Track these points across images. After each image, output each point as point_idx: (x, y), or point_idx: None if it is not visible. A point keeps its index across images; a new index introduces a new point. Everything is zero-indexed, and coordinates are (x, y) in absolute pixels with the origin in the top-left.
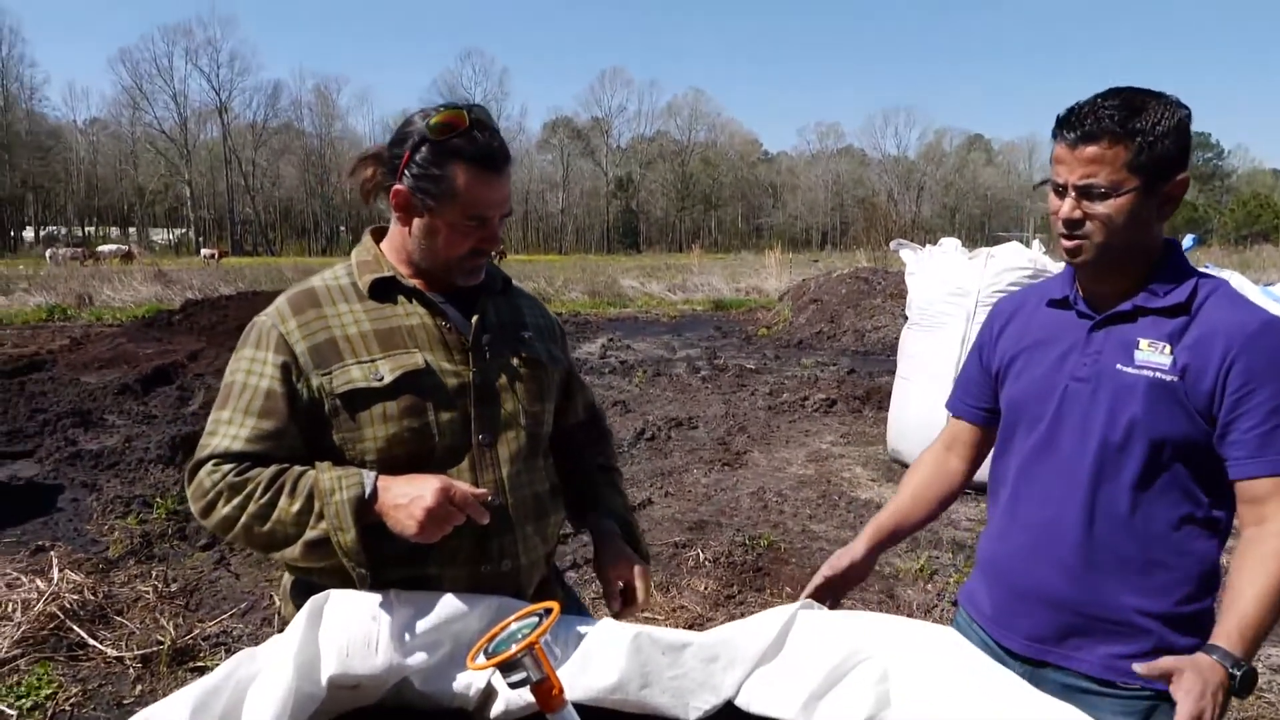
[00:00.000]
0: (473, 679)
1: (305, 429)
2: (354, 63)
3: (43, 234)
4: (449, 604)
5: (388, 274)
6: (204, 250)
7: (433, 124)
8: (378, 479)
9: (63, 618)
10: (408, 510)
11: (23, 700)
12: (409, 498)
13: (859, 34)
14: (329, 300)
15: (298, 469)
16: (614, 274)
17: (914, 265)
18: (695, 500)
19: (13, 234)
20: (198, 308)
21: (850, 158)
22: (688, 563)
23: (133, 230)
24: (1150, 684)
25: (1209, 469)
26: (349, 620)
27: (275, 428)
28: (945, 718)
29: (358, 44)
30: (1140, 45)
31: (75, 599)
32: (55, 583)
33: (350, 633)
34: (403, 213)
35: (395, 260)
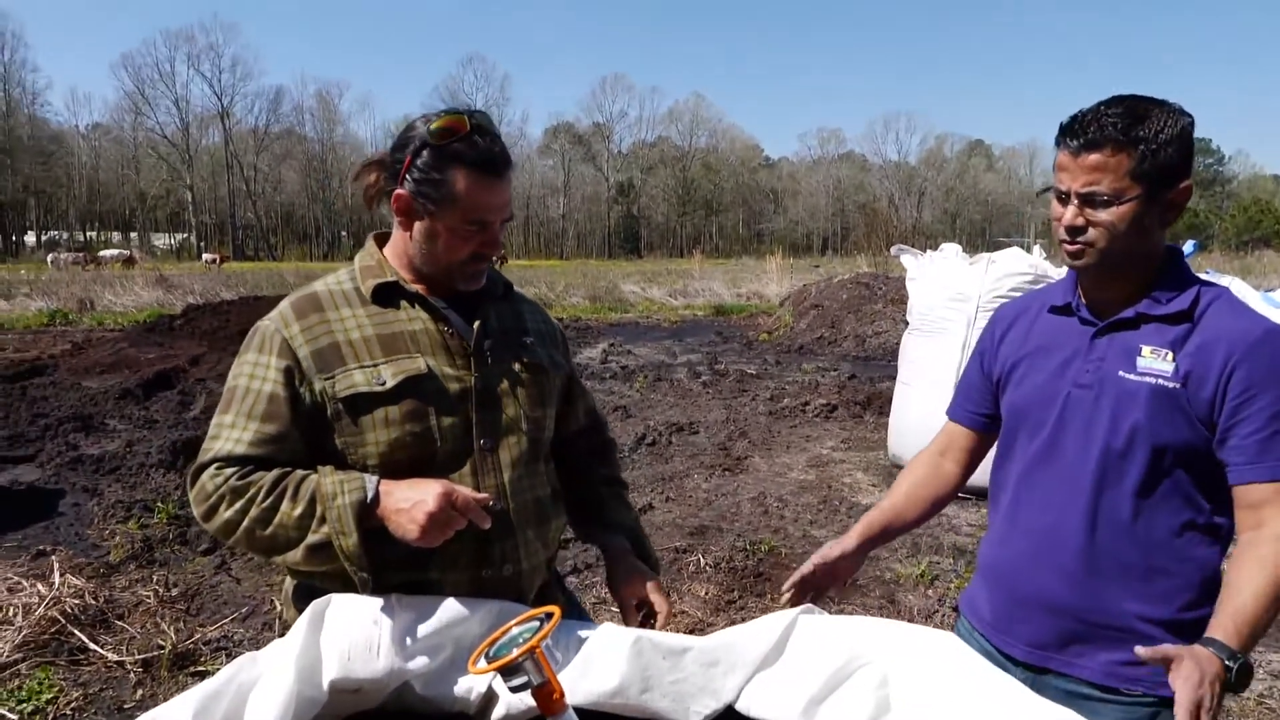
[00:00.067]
0: (474, 683)
1: (308, 433)
2: (356, 68)
3: (44, 239)
4: (450, 608)
5: (390, 279)
6: (205, 255)
7: (433, 128)
8: (380, 483)
9: (64, 622)
10: (409, 514)
11: (24, 704)
12: (411, 502)
13: (860, 40)
14: (332, 305)
15: (300, 473)
16: (615, 279)
17: (915, 271)
18: (696, 505)
19: (14, 239)
20: (199, 313)
21: (851, 163)
22: (688, 568)
23: (134, 235)
24: (1152, 690)
25: (1210, 476)
26: (350, 624)
27: (278, 432)
28: None
29: (360, 49)
30: (1141, 51)
31: (76, 603)
32: (56, 587)
33: (352, 637)
34: (404, 217)
35: (398, 265)
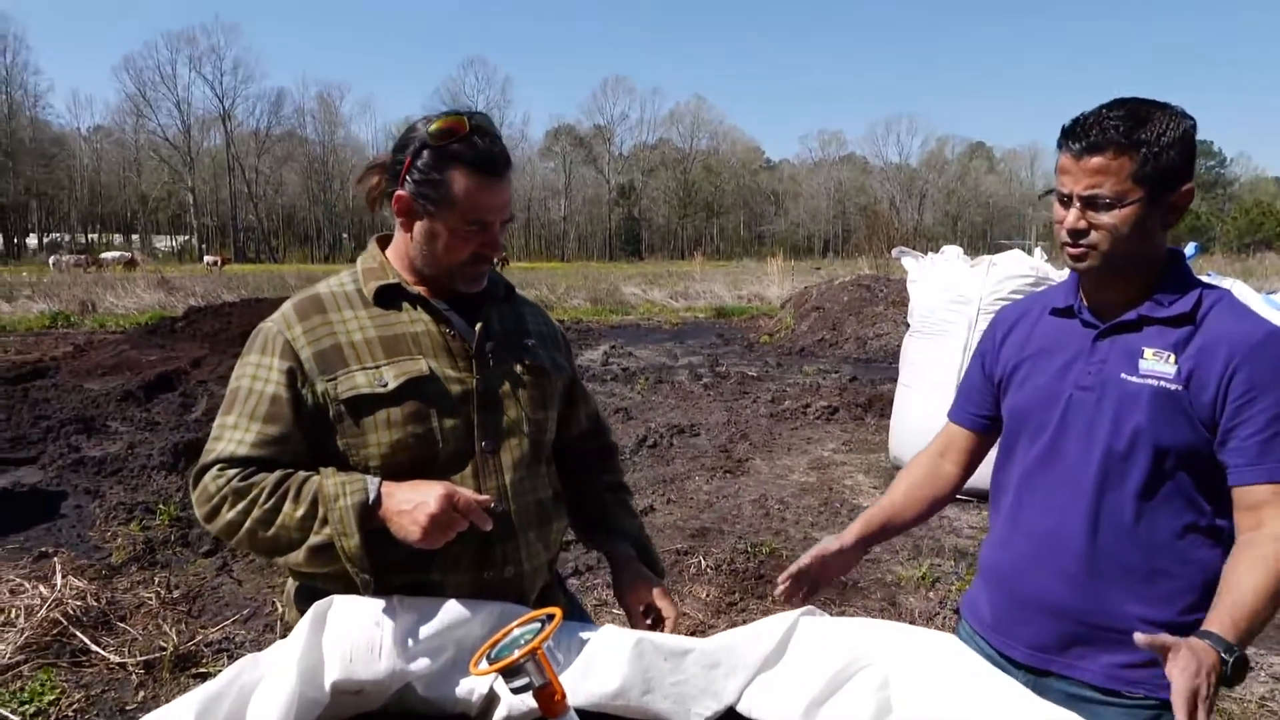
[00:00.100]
0: (475, 684)
1: (310, 434)
2: (357, 70)
3: (46, 241)
4: (452, 610)
5: (393, 281)
6: (207, 257)
7: (433, 129)
8: (381, 485)
9: (66, 624)
10: (411, 516)
11: (26, 706)
12: (413, 503)
13: (861, 42)
14: (334, 306)
15: (302, 474)
16: (616, 281)
17: (916, 273)
18: (697, 507)
19: (16, 241)
20: (200, 315)
21: (852, 165)
22: (689, 570)
23: (136, 237)
24: (1154, 692)
25: (1212, 478)
26: (352, 626)
27: (280, 433)
28: None
29: (361, 52)
30: (1143, 53)
31: (78, 605)
32: (58, 589)
33: (354, 638)
34: (404, 218)
35: (400, 267)
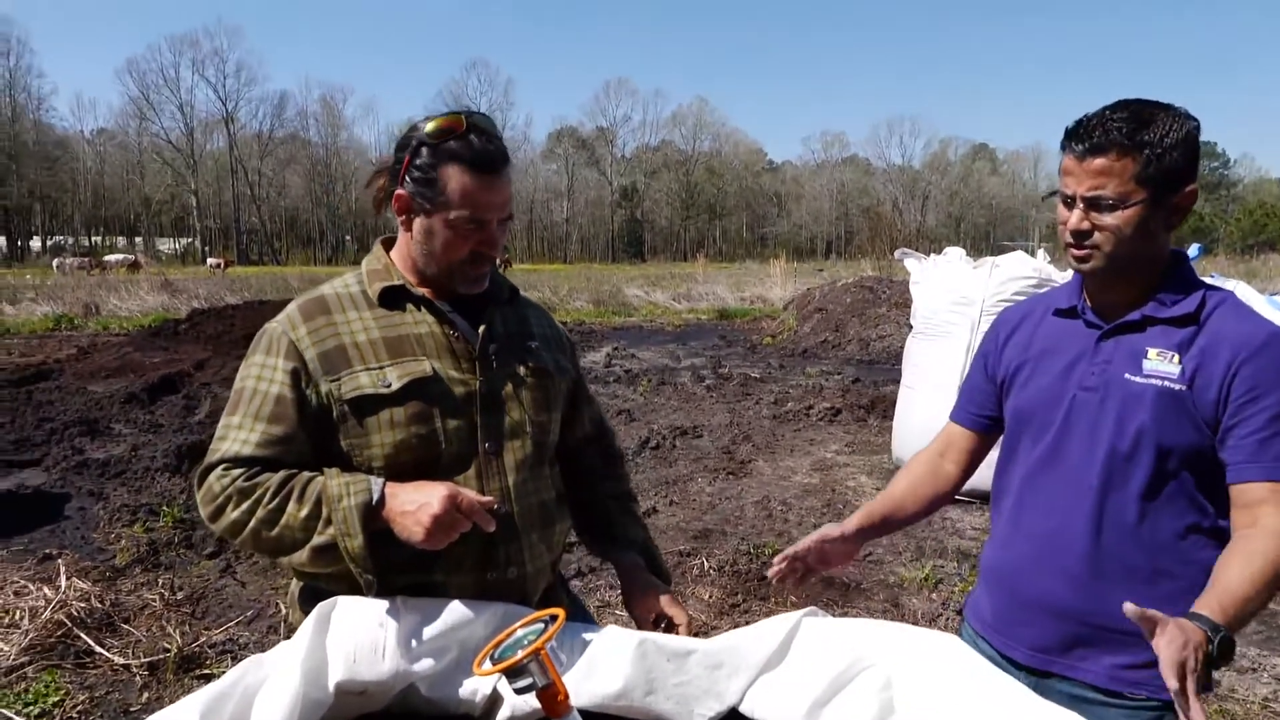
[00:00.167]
0: (479, 685)
1: (314, 435)
2: (360, 73)
3: (50, 244)
4: (455, 610)
5: (397, 282)
6: (210, 260)
7: (431, 128)
8: (385, 485)
9: (70, 625)
10: (415, 517)
11: (30, 708)
12: (416, 504)
13: (864, 44)
14: (339, 307)
15: (306, 474)
16: (618, 283)
17: (919, 274)
18: (700, 509)
19: (20, 244)
20: (204, 317)
21: (855, 167)
22: (692, 571)
23: (139, 240)
24: (1156, 694)
25: (1215, 479)
26: (356, 626)
27: (285, 433)
28: None
29: (363, 54)
30: (1146, 54)
31: (82, 607)
32: (62, 590)
33: (357, 639)
34: (404, 216)
35: (404, 269)
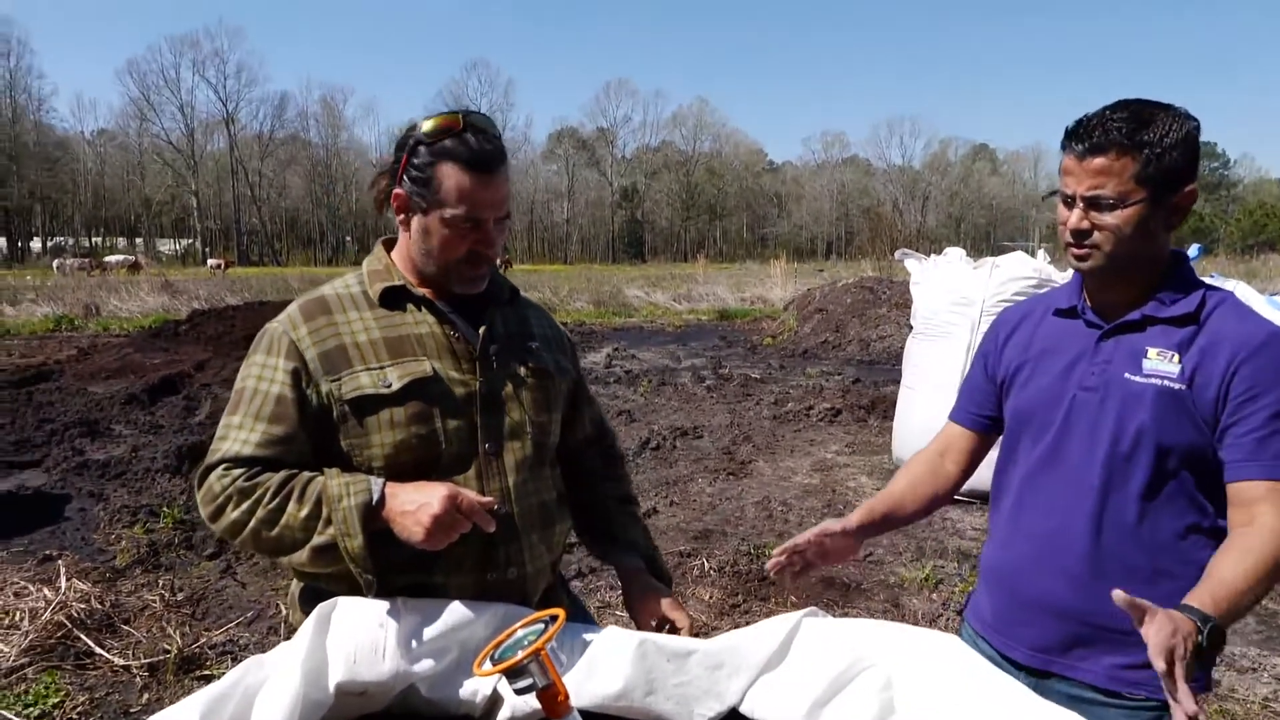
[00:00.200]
0: (479, 685)
1: (315, 435)
2: (360, 74)
3: (50, 245)
4: (455, 611)
5: (398, 283)
6: (210, 260)
7: (428, 127)
8: (385, 486)
9: (70, 626)
10: (415, 517)
11: (30, 709)
12: (416, 504)
13: (864, 44)
14: (340, 308)
15: (307, 475)
16: (619, 284)
17: (919, 275)
18: (700, 509)
19: (20, 245)
20: (204, 318)
21: (855, 167)
22: (692, 572)
23: (139, 241)
24: (1155, 694)
25: (1215, 479)
26: (356, 627)
27: (285, 433)
28: None
29: (364, 55)
30: (1147, 54)
31: (82, 608)
32: (62, 592)
33: (358, 639)
34: (402, 215)
35: (405, 269)
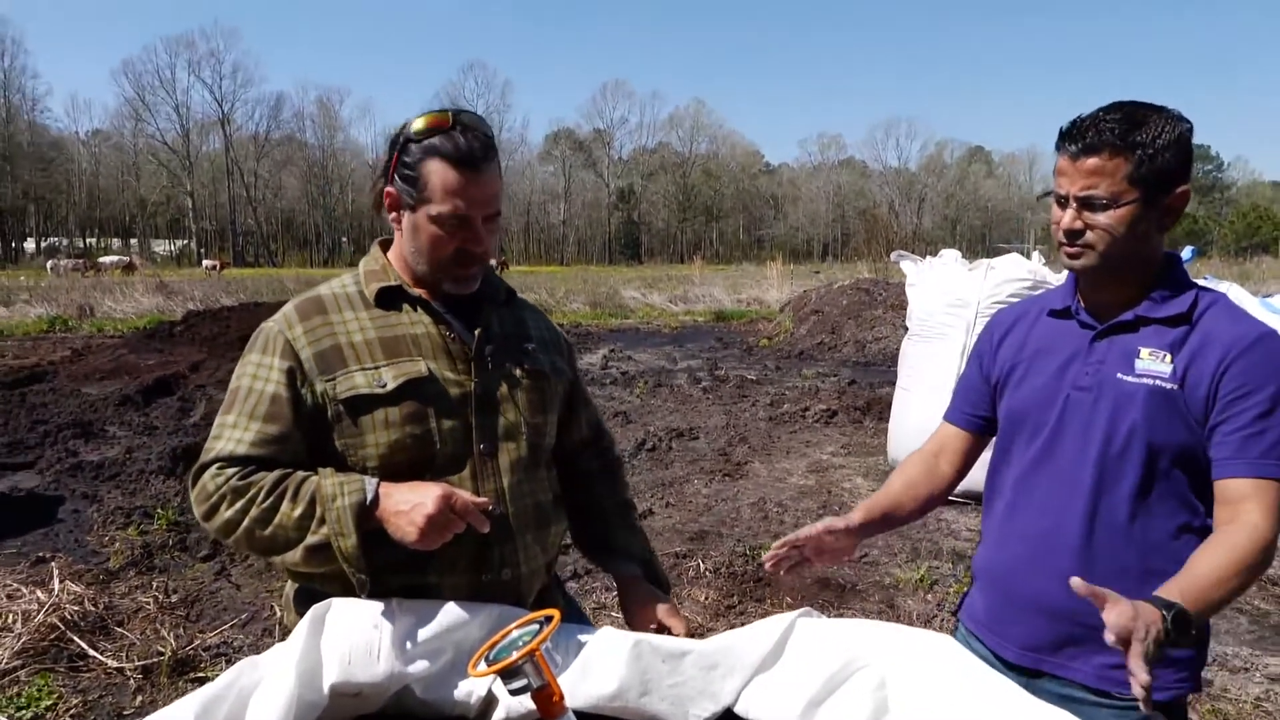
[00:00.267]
0: (474, 686)
1: (309, 434)
2: (356, 75)
3: (44, 245)
4: (450, 612)
5: (394, 283)
6: (205, 261)
7: (418, 125)
8: (379, 485)
9: (63, 629)
10: (408, 517)
11: (23, 711)
12: (410, 504)
13: (861, 46)
14: (335, 308)
15: (301, 474)
16: (615, 285)
17: (914, 277)
18: (696, 511)
19: (14, 245)
20: (199, 319)
21: (851, 169)
22: (688, 573)
23: (134, 241)
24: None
25: (1206, 478)
26: (351, 628)
27: (280, 432)
28: None
29: (360, 56)
30: (1141, 56)
31: (76, 610)
32: (56, 594)
33: (352, 641)
34: (394, 212)
35: (401, 270)
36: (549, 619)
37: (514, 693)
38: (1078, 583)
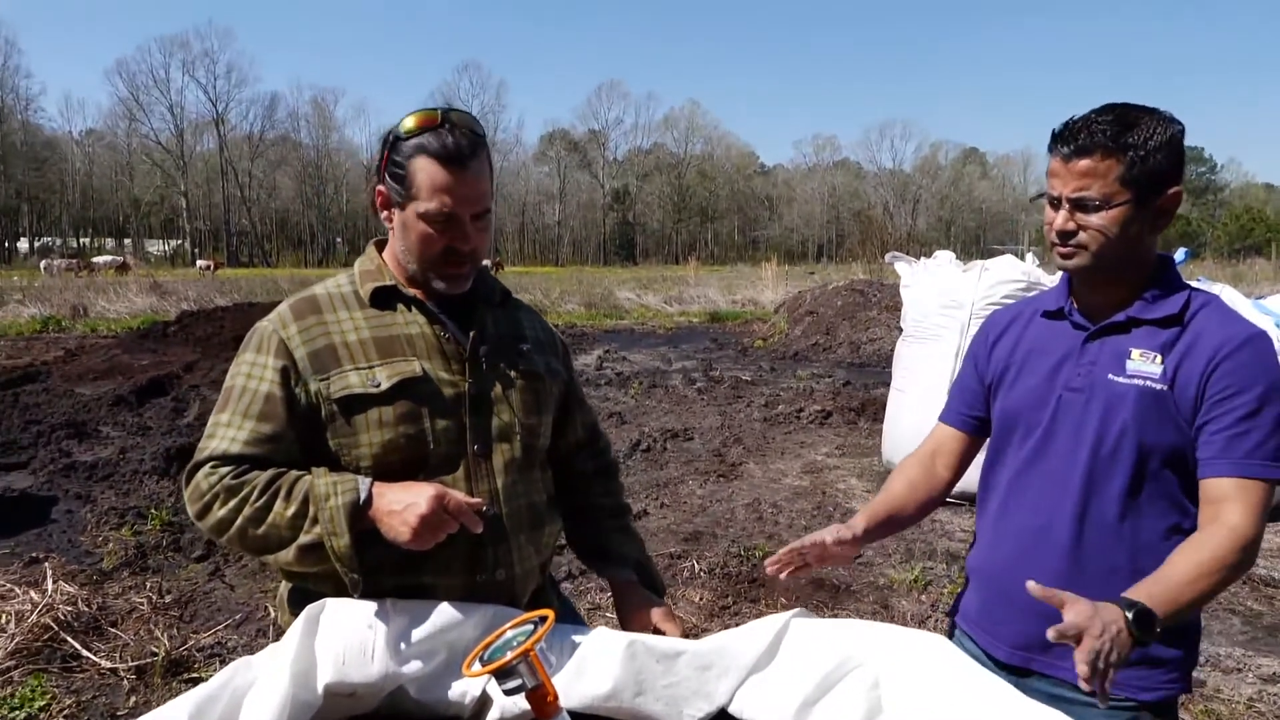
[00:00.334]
0: (468, 686)
1: (303, 434)
2: (351, 75)
3: (37, 245)
4: (444, 612)
5: (389, 283)
6: (200, 261)
7: (408, 123)
8: (373, 485)
9: (56, 629)
10: (402, 517)
11: (16, 712)
12: (404, 504)
13: (856, 48)
14: (330, 307)
15: (294, 474)
16: (610, 286)
17: (909, 278)
18: (690, 511)
19: (7, 245)
20: (193, 319)
21: (846, 170)
22: (683, 574)
23: (128, 241)
24: (1134, 694)
25: (1196, 479)
26: (345, 628)
27: (273, 431)
28: None
29: (355, 56)
30: (1135, 59)
31: (69, 610)
32: (49, 594)
33: (346, 641)
34: (385, 211)
35: (395, 270)
36: (543, 619)
37: (508, 693)
38: (1034, 586)
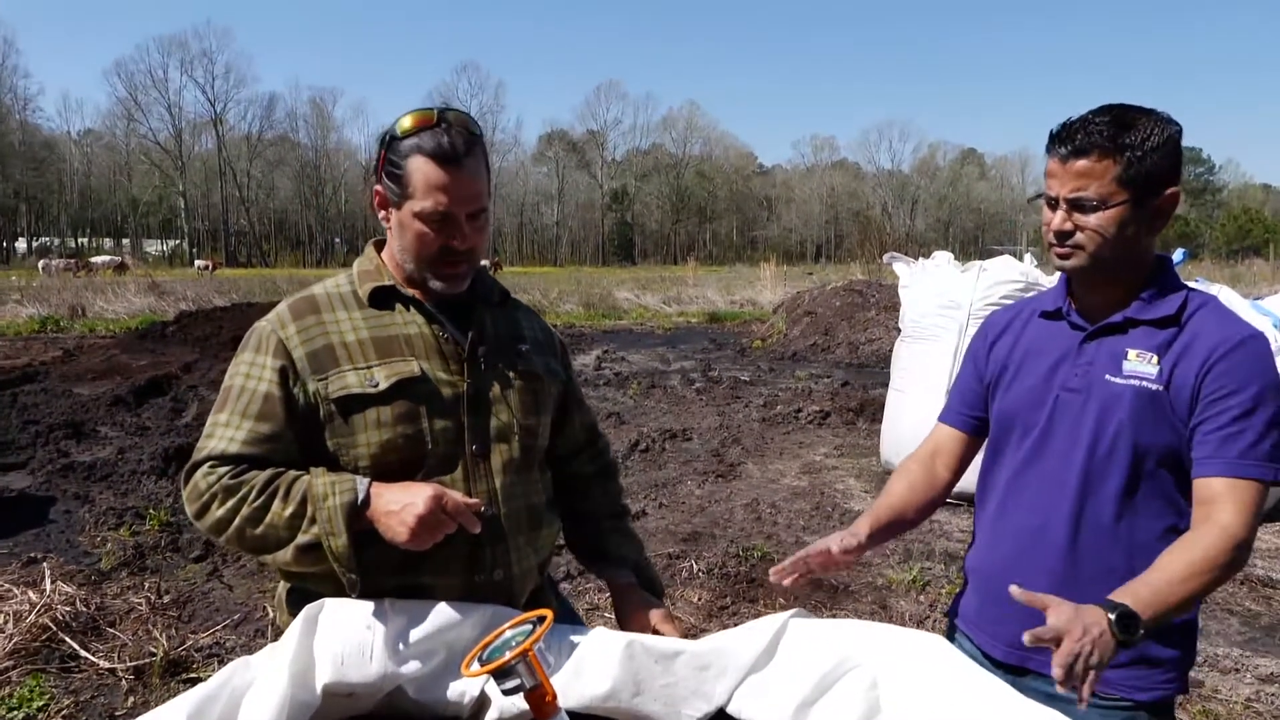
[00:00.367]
0: (467, 687)
1: (301, 434)
2: (350, 75)
3: (36, 245)
4: (443, 612)
5: (388, 283)
6: (198, 262)
7: (404, 123)
8: (371, 485)
9: (55, 629)
10: (399, 517)
11: (14, 712)
12: (401, 504)
13: (854, 48)
14: (329, 307)
15: (292, 473)
16: (609, 286)
17: (907, 278)
18: (689, 512)
19: (5, 245)
20: (191, 319)
21: (845, 171)
22: (681, 574)
23: (126, 241)
24: (1129, 694)
25: (1192, 480)
26: (344, 629)
27: (272, 431)
28: None
29: (354, 57)
30: (1133, 60)
31: (67, 610)
32: (47, 594)
33: (345, 641)
34: (383, 211)
35: (394, 270)
36: (542, 619)
37: (507, 693)
38: (1017, 591)
